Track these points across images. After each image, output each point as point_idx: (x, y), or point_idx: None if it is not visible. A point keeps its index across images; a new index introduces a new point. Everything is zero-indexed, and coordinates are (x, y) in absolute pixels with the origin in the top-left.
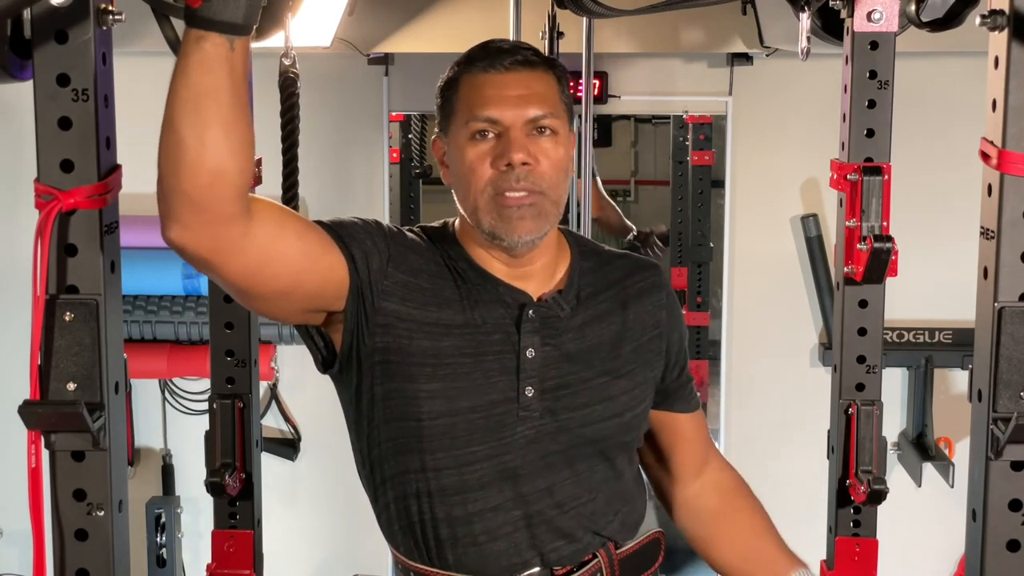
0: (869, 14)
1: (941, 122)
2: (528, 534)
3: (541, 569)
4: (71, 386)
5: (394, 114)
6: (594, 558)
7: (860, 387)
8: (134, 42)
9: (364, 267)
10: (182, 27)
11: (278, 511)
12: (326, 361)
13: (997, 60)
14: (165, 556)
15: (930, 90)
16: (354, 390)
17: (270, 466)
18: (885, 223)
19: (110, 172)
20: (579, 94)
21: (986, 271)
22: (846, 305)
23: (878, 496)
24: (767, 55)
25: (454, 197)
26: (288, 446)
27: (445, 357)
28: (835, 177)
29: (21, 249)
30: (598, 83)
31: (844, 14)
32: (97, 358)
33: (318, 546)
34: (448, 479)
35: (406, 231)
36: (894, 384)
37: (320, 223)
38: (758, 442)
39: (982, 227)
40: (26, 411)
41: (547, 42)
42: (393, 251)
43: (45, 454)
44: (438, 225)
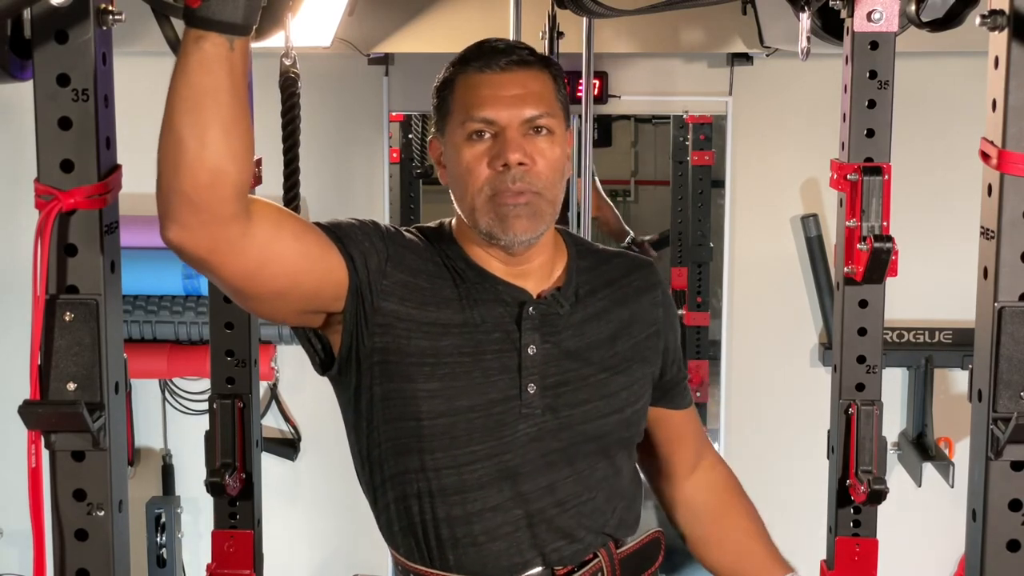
0: (869, 14)
1: (941, 122)
2: (529, 534)
3: (542, 569)
4: (71, 386)
5: (394, 114)
6: (595, 558)
7: (860, 387)
8: (134, 42)
9: (363, 268)
10: (182, 27)
11: (278, 511)
12: (324, 364)
13: (997, 60)
14: (165, 556)
15: (930, 90)
16: (353, 391)
17: (270, 466)
18: (885, 223)
19: (110, 172)
20: (579, 94)
21: (986, 271)
22: (846, 305)
23: (878, 496)
24: (767, 55)
25: (451, 197)
26: (288, 446)
27: (444, 356)
28: (835, 177)
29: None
30: (598, 83)
31: (844, 14)
32: (97, 358)
33: (318, 546)
34: (448, 479)
35: (403, 231)
36: (894, 384)
37: (318, 224)
38: (758, 442)
39: (982, 227)
40: (26, 411)
41: (547, 42)
42: (391, 251)
43: (45, 454)
44: (434, 225)
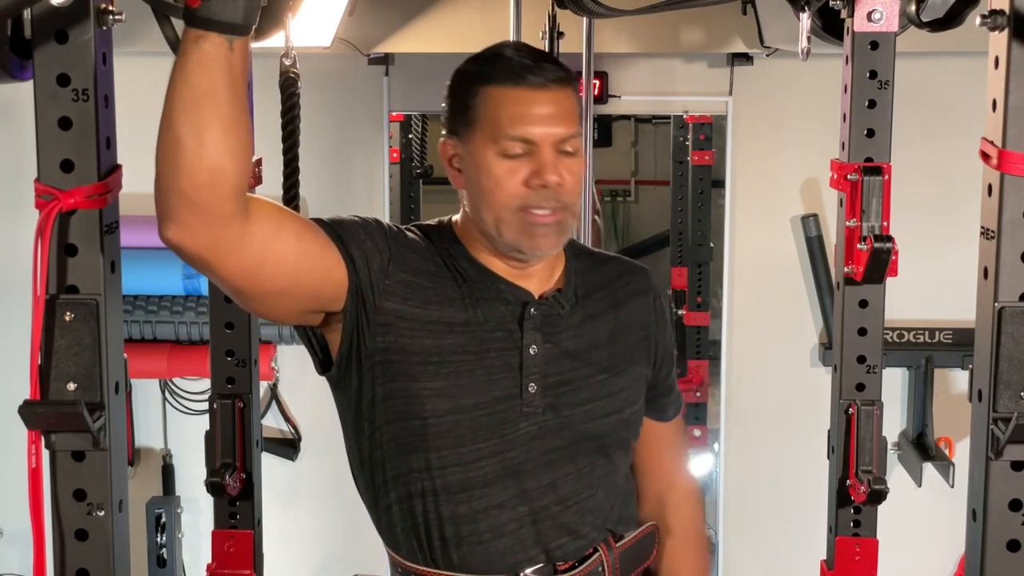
0: (869, 14)
1: (941, 122)
2: (533, 530)
3: (544, 565)
4: (71, 386)
5: (394, 114)
6: (595, 552)
7: (860, 387)
8: (134, 42)
9: (364, 268)
10: (182, 27)
11: (278, 511)
12: (324, 364)
13: (997, 60)
14: (165, 556)
15: (930, 90)
16: (354, 392)
17: (270, 466)
18: (885, 223)
19: (110, 172)
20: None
21: (986, 271)
22: (846, 305)
23: (878, 496)
24: (767, 55)
25: (463, 200)
26: (288, 446)
27: (448, 355)
28: (835, 177)
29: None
30: (598, 83)
31: (844, 14)
32: (97, 358)
33: (318, 546)
34: (453, 477)
35: (405, 230)
36: (894, 384)
37: (320, 222)
38: (758, 442)
39: (982, 227)
40: (26, 411)
41: (547, 42)
42: (394, 251)
43: (45, 454)
44: (435, 223)
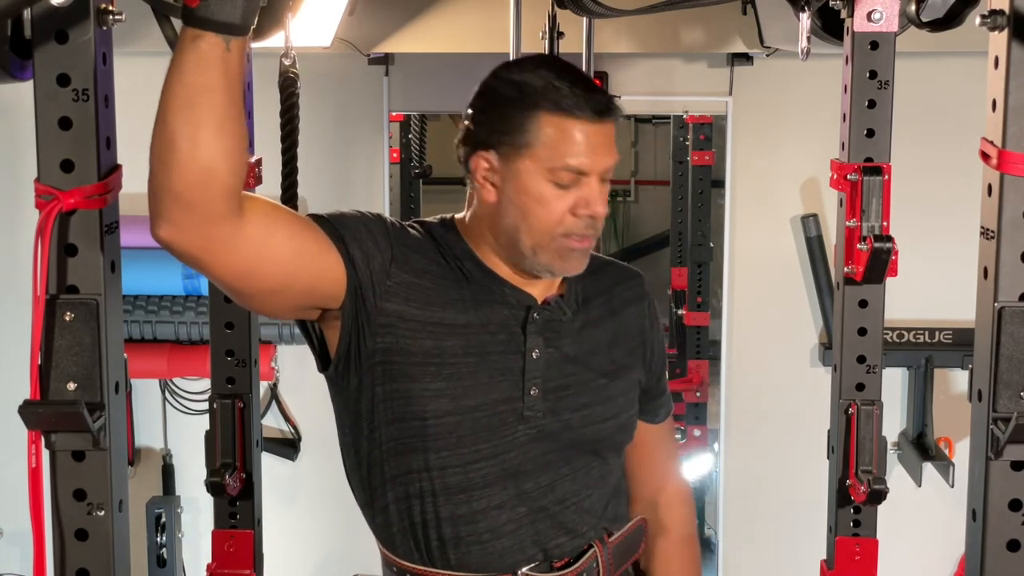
0: (869, 14)
1: (941, 122)
2: (532, 530)
3: (541, 563)
4: (71, 386)
5: (394, 114)
6: (590, 548)
7: (860, 387)
8: (134, 42)
9: (365, 268)
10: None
11: (278, 511)
12: (324, 360)
13: (997, 60)
14: (165, 556)
15: (930, 90)
16: (352, 391)
17: (270, 466)
18: (885, 223)
19: (110, 172)
20: None
21: (986, 271)
22: (846, 305)
23: (878, 496)
24: (767, 55)
25: (475, 206)
26: (288, 446)
27: (449, 356)
28: (835, 177)
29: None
30: (598, 83)
31: (844, 14)
32: (97, 358)
33: (318, 546)
34: (453, 477)
35: (408, 228)
36: (894, 384)
37: (320, 219)
38: (758, 442)
39: (982, 227)
40: (26, 411)
41: (547, 42)
42: (396, 251)
43: (45, 454)
44: (437, 221)
